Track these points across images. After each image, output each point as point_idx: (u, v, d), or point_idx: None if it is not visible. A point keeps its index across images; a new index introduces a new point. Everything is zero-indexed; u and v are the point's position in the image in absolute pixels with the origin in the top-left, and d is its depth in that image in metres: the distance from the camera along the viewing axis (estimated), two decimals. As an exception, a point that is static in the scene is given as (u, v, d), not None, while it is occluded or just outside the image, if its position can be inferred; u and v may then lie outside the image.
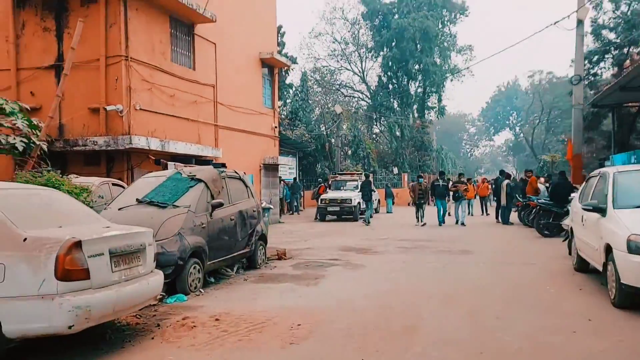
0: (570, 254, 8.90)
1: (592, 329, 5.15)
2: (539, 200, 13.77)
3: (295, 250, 11.62)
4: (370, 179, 22.33)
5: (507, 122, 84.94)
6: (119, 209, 7.32)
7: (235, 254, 8.31)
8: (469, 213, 18.69)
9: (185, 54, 14.90)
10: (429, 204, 18.72)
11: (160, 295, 6.46)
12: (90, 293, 4.27)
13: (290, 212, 25.99)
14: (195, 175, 7.85)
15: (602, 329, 5.15)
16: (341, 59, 44.37)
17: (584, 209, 7.06)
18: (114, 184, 9.10)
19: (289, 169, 29.09)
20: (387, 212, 25.94)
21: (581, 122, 18.14)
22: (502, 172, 18.81)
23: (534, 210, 14.14)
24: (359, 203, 21.06)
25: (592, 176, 8.01)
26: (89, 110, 12.52)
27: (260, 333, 5.09)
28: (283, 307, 6.12)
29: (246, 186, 9.15)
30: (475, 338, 4.88)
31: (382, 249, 11.61)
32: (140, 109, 12.77)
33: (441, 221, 17.26)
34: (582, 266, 7.95)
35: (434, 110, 42.85)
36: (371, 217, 19.85)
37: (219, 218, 7.79)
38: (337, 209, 20.70)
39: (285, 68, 26.09)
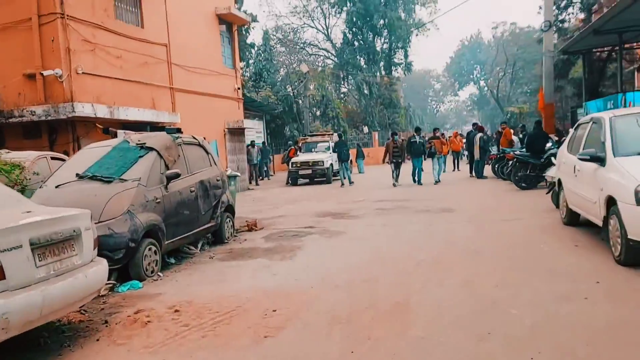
0: (557, 207, 8.39)
1: (603, 293, 4.57)
2: (515, 153, 13.27)
3: (267, 219, 10.81)
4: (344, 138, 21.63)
5: (472, 77, 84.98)
6: (57, 187, 6.28)
7: (198, 230, 7.43)
8: (443, 170, 18.04)
9: (132, 10, 13.46)
10: (405, 162, 17.86)
11: (111, 283, 5.59)
12: (6, 296, 3.37)
13: (261, 177, 25.06)
14: (145, 144, 6.83)
15: (615, 293, 4.57)
16: (304, 16, 42.64)
17: (580, 159, 6.43)
18: (53, 158, 7.97)
19: (256, 132, 27.97)
20: (359, 172, 25.29)
21: (552, 70, 17.64)
22: (474, 125, 18.24)
23: (510, 162, 13.67)
24: (331, 165, 20.31)
25: (582, 123, 7.39)
26: (24, 76, 11.15)
27: (228, 325, 4.30)
28: (255, 289, 5.34)
29: (207, 153, 8.19)
30: (479, 314, 4.22)
31: (360, 212, 10.91)
32: (83, 72, 11.45)
33: (419, 181, 16.36)
34: (572, 220, 7.43)
35: (401, 66, 41.95)
36: (349, 179, 19.25)
37: (176, 191, 6.85)
38: (309, 172, 19.90)
39: (245, 25, 24.56)
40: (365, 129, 37.63)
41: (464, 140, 22.40)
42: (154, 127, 13.56)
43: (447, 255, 6.37)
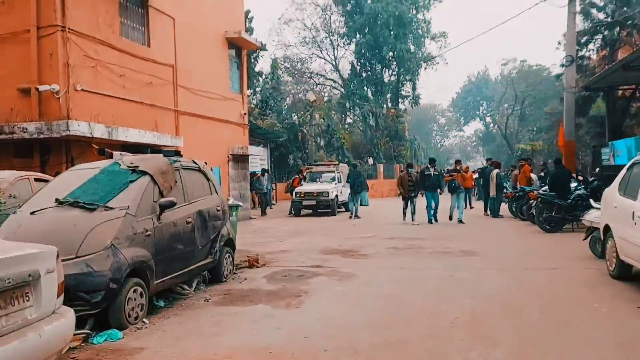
0: (599, 256, 7.49)
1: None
2: (539, 192, 12.42)
3: (270, 253, 9.90)
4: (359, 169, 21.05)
5: (477, 112, 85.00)
6: (32, 213, 5.42)
7: (193, 267, 6.52)
8: (466, 206, 16.87)
9: (138, 28, 12.87)
10: (418, 197, 16.81)
11: (84, 333, 4.67)
12: None
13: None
14: (138, 167, 5.99)
15: None
16: (312, 46, 42.55)
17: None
18: (37, 179, 7.14)
19: (260, 160, 27.24)
20: (363, 204, 24.34)
21: (573, 106, 16.94)
22: (489, 160, 17.44)
23: (533, 202, 12.80)
24: (336, 196, 19.46)
25: (638, 162, 6.56)
26: (18, 91, 10.41)
27: (222, 403, 3.37)
28: (256, 348, 4.41)
29: (208, 179, 7.35)
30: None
31: (371, 250, 9.99)
32: (82, 89, 10.73)
33: (432, 218, 14.91)
34: (623, 272, 6.52)
35: (408, 99, 41.52)
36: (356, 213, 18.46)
37: (170, 221, 5.97)
38: (313, 202, 19.03)
39: (255, 50, 24.10)
40: (370, 161, 36.91)
41: (475, 176, 21.63)
42: (156, 150, 12.77)
43: (485, 313, 5.42)
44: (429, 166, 15.48)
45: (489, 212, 16.97)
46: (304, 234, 13.22)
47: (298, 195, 19.13)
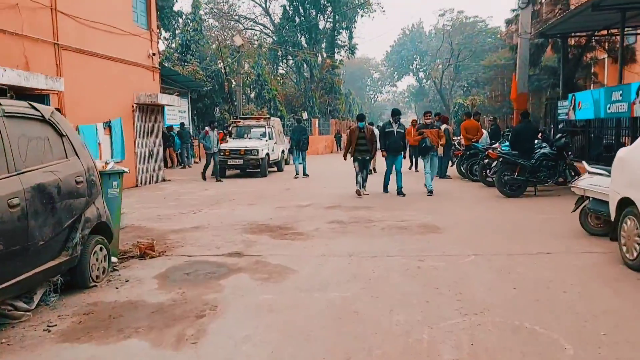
0: (611, 237, 5.82)
1: None
2: (501, 151, 10.76)
3: (176, 232, 7.52)
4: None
5: (411, 67, 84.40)
6: None
7: (29, 273, 4.05)
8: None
9: None
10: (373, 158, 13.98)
11: None
12: None
13: (181, 165, 21.31)
14: None
15: None
16: (240, -14, 38.58)
17: None
18: None
19: (179, 112, 24.14)
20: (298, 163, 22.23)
21: (527, 54, 15.40)
22: (438, 115, 15.63)
23: (487, 161, 11.19)
24: (267, 154, 17.09)
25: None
26: None
27: None
28: None
29: (61, 135, 4.74)
30: None
31: (309, 226, 7.87)
32: None
33: (399, 189, 11.18)
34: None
35: (344, 48, 39.10)
36: (305, 171, 16.70)
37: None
38: (241, 162, 16.55)
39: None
40: (305, 115, 34.50)
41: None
42: (23, 94, 9.69)
43: (491, 346, 3.46)
44: (392, 120, 11.50)
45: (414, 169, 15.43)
46: (226, 202, 10.86)
47: (222, 154, 16.54)
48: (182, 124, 21.54)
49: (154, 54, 15.19)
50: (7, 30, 9.56)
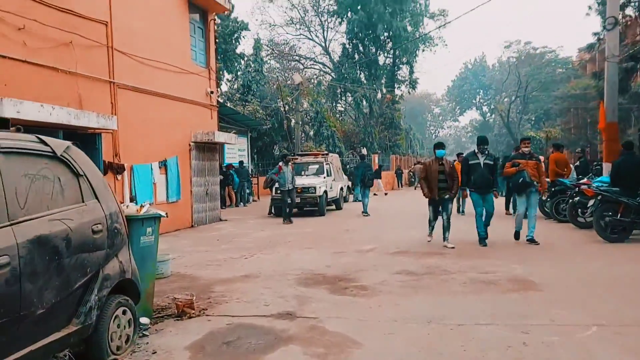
0: None
1: None
2: (600, 188, 9.16)
3: (223, 283, 6.62)
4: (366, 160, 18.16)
5: (474, 101, 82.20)
6: None
7: (26, 351, 3.20)
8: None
9: (51, -33, 9.42)
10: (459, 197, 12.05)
11: None
12: None
13: (237, 203, 20.80)
14: None
15: None
16: (300, 27, 39.07)
17: None
18: None
19: (238, 150, 23.92)
20: (356, 200, 21.23)
21: (617, 80, 13.66)
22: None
23: (589, 200, 9.57)
24: (325, 192, 16.18)
25: None
26: None
27: None
28: None
29: (76, 174, 3.97)
30: None
31: (374, 277, 6.71)
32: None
33: (484, 235, 9.05)
34: None
35: (405, 83, 38.19)
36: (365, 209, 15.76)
37: None
38: (298, 200, 15.72)
39: (224, 13, 20.32)
40: (364, 151, 33.58)
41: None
42: (74, 133, 9.40)
43: None
44: (477, 150, 9.22)
45: (511, 210, 13.81)
46: (282, 245, 9.93)
47: (279, 192, 15.81)
48: (240, 162, 21.19)
49: (211, 92, 14.90)
50: (60, 68, 9.37)
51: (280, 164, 15.07)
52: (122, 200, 10.93)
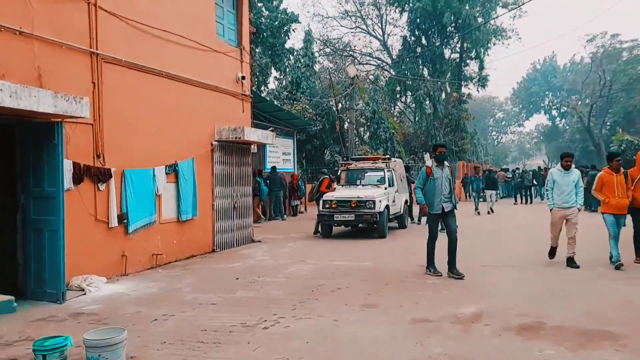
0: None
1: None
2: None
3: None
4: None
5: (542, 105, 75.75)
6: None
7: None
8: None
9: None
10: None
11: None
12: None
13: (271, 217, 17.49)
14: None
15: None
16: (356, 21, 35.61)
17: None
18: None
19: (283, 154, 20.70)
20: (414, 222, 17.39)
21: None
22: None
23: None
24: (387, 207, 12.57)
25: None
26: None
27: None
28: None
29: None
30: None
31: None
32: None
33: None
34: None
35: (473, 81, 33.78)
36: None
37: None
38: (351, 217, 12.20)
39: (274, 3, 17.36)
40: (427, 157, 29.56)
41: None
42: (24, 123, 6.34)
43: None
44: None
45: None
46: (327, 296, 6.44)
47: (328, 206, 12.37)
48: (273, 168, 17.86)
49: (243, 78, 11.67)
50: (5, 25, 6.36)
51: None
52: (108, 219, 7.81)
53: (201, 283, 7.45)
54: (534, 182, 26.35)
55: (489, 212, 18.39)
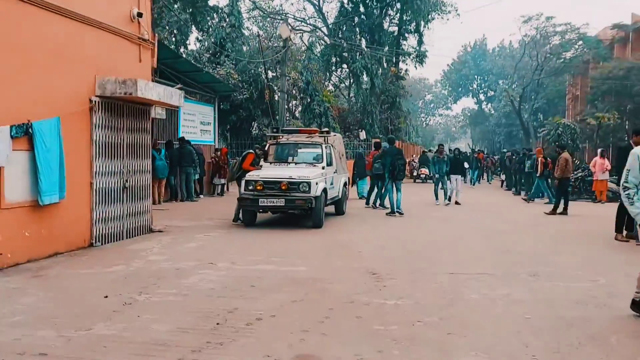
0: None
1: None
2: None
3: None
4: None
5: (471, 88, 77.12)
6: None
7: None
8: None
9: None
10: None
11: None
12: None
13: (182, 198, 14.73)
14: None
15: None
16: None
17: None
18: None
19: (201, 123, 17.82)
20: (362, 196, 15.56)
21: None
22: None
23: None
24: (324, 191, 10.33)
25: None
26: None
27: None
28: None
29: None
30: None
31: None
32: None
33: None
34: None
35: (411, 57, 32.19)
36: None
37: None
38: (280, 202, 9.82)
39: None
40: (363, 135, 27.71)
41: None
42: None
43: None
44: None
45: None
46: (240, 328, 4.08)
47: (252, 187, 9.90)
48: (181, 139, 14.95)
49: (140, 15, 8.76)
50: None
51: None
52: None
53: (45, 304, 4.81)
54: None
55: (456, 203, 14.81)
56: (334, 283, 5.71)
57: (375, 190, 13.77)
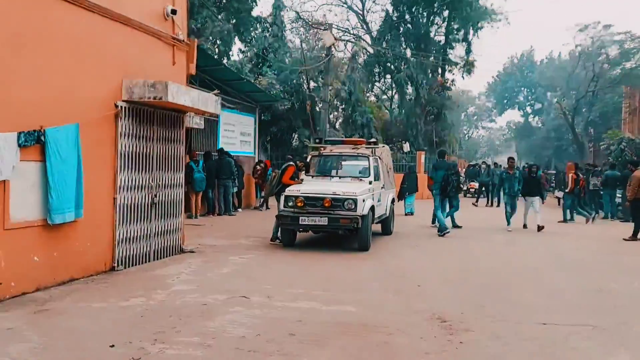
0: None
1: None
2: None
3: None
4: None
5: (517, 101, 74.24)
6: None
7: None
8: None
9: None
10: None
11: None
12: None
13: (220, 212, 13.85)
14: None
15: None
16: (332, -7, 31.86)
17: None
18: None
19: (241, 135, 17.02)
20: (408, 212, 14.29)
21: None
22: None
23: None
24: (372, 208, 9.16)
25: None
26: None
27: None
28: None
29: None
30: None
31: None
32: None
33: None
34: None
35: (458, 66, 30.63)
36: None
37: None
38: (324, 221, 8.72)
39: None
40: (406, 147, 26.36)
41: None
42: None
43: None
44: None
45: None
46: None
47: (291, 204, 8.85)
48: (221, 150, 14.11)
49: (174, 12, 7.93)
50: None
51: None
52: None
53: (36, 357, 3.85)
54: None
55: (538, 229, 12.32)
56: (393, 334, 4.53)
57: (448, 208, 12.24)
